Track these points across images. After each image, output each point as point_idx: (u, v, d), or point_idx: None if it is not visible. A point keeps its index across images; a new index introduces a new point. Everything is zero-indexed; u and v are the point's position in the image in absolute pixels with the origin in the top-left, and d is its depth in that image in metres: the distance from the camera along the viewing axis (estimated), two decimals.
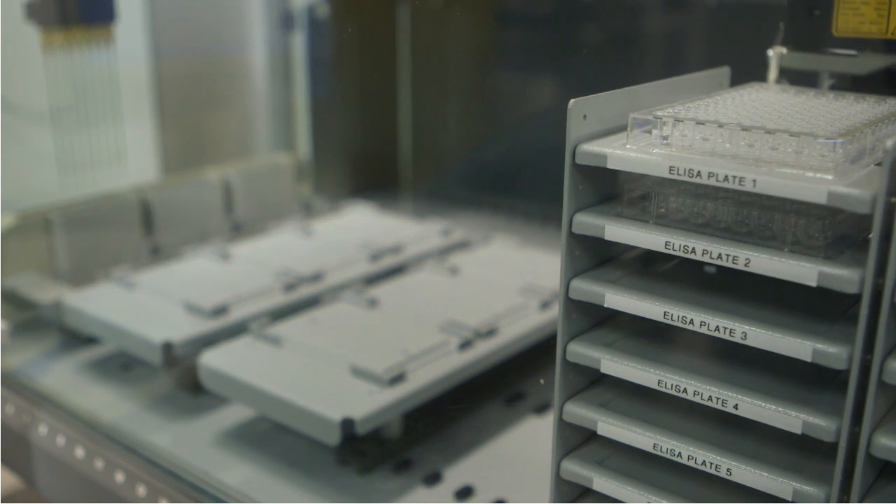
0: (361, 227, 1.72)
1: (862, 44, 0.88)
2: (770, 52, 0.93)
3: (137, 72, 1.88)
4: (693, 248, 0.69)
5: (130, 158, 1.78)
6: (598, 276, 0.77)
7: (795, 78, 0.93)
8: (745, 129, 0.68)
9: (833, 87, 0.91)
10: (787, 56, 0.92)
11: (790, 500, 0.68)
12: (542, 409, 1.25)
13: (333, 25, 2.00)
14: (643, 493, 0.76)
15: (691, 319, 0.71)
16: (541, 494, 0.85)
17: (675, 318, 0.72)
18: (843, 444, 0.65)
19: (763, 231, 0.68)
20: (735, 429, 0.75)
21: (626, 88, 0.78)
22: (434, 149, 2.09)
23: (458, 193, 2.03)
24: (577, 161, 0.73)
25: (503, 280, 1.41)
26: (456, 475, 1.11)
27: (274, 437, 1.19)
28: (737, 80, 0.92)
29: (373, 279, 1.48)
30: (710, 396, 0.71)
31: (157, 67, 1.90)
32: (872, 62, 0.88)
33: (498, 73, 1.98)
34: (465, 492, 1.08)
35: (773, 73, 0.93)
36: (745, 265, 0.67)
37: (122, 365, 1.38)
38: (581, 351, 0.77)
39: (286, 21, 2.08)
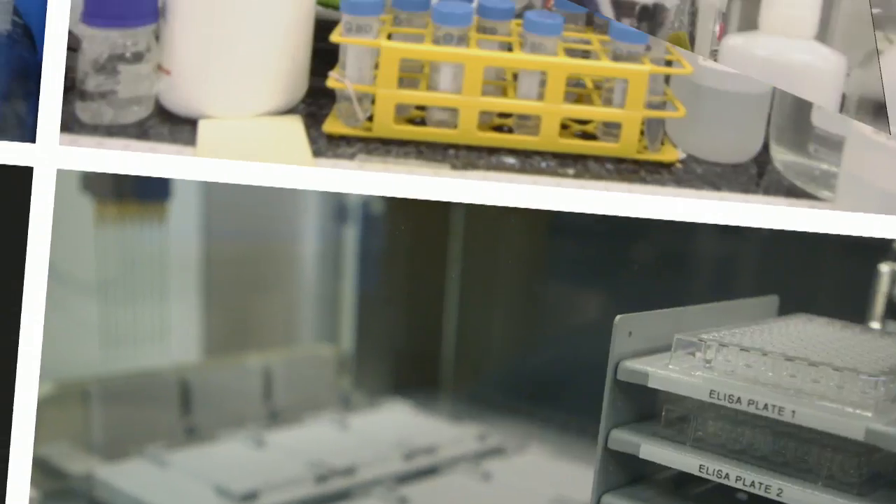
0: (397, 425, 1.71)
1: None
2: (884, 268, 0.91)
3: (189, 251, 1.91)
4: (727, 474, 0.69)
5: (173, 336, 1.79)
6: (631, 495, 0.76)
7: None
8: (788, 359, 0.68)
9: None
10: None
11: None
12: None
13: (387, 221, 2.03)
14: None
15: None
16: None
17: None
18: None
19: (799, 462, 0.68)
20: None
21: (673, 309, 0.79)
22: (476, 352, 2.09)
23: (496, 398, 2.03)
24: (619, 377, 0.73)
25: (535, 489, 1.40)
26: None
27: None
28: (784, 310, 0.92)
29: (405, 478, 1.47)
30: None
31: (207, 248, 1.93)
32: None
33: (547, 283, 1.99)
34: None
35: (883, 287, 0.90)
36: (778, 495, 0.66)
37: None
38: None
39: (340, 214, 2.11)
